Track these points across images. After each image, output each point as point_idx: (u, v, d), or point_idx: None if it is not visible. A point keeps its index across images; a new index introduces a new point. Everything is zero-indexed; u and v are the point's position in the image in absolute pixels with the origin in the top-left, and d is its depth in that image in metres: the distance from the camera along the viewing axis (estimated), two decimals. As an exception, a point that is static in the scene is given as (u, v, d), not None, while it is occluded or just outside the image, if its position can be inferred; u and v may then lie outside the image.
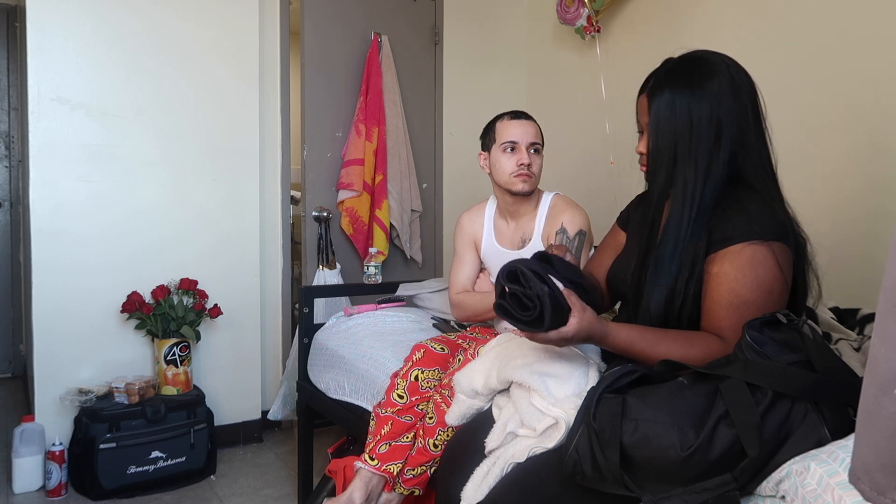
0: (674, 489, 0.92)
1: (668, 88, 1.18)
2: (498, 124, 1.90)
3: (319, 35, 3.00)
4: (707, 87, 1.16)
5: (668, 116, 1.18)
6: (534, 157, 1.86)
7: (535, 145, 1.87)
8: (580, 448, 1.00)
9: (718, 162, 1.17)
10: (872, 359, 0.46)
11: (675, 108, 1.17)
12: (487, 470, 1.24)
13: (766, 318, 1.02)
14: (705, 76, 1.17)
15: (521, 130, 1.85)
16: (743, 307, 1.12)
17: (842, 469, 0.81)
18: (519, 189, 1.84)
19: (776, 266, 1.13)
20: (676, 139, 1.18)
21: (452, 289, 1.99)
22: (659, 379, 1.07)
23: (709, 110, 1.16)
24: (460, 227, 2.02)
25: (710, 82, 1.17)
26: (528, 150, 1.85)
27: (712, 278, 1.15)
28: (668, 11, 2.75)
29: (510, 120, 1.88)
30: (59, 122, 2.44)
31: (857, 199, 2.06)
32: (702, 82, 1.17)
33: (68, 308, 2.46)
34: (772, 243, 1.13)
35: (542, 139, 1.91)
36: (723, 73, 1.18)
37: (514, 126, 1.87)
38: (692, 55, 1.22)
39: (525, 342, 1.37)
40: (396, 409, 1.64)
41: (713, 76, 1.17)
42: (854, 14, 2.07)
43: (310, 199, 3.03)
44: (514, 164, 1.83)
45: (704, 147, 1.17)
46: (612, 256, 1.47)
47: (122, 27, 2.53)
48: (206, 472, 2.53)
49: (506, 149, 1.86)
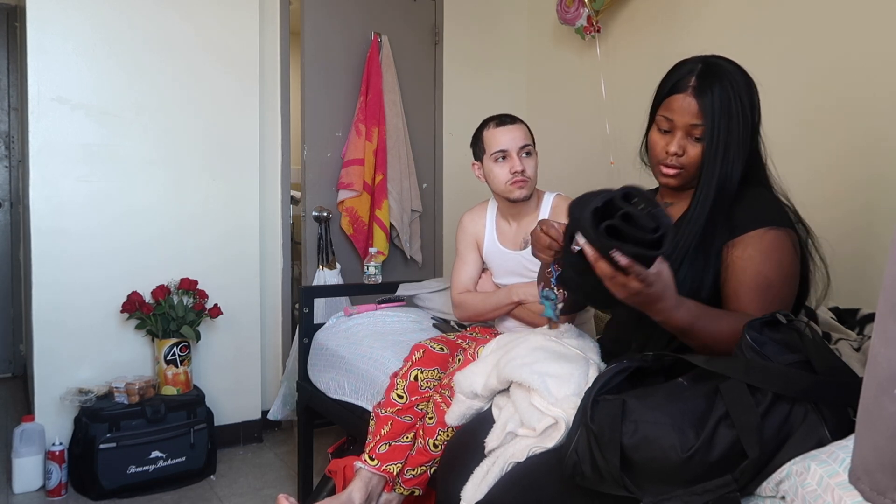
0: (674, 490, 0.92)
1: (718, 87, 1.19)
2: (485, 133, 1.85)
3: (319, 35, 3.00)
4: (745, 87, 1.21)
5: (724, 113, 1.19)
6: (526, 160, 1.81)
7: (525, 148, 1.82)
8: (579, 449, 1.00)
9: (746, 155, 1.23)
10: (872, 359, 0.46)
11: (730, 105, 1.20)
12: (487, 469, 1.24)
13: (766, 318, 1.02)
14: (739, 76, 1.22)
15: (509, 137, 1.81)
16: (770, 290, 1.14)
17: (842, 469, 0.81)
18: (516, 196, 1.81)
19: (794, 251, 1.19)
20: (730, 135, 1.20)
21: (454, 289, 1.99)
22: (653, 372, 1.08)
23: (749, 108, 1.21)
24: (462, 227, 2.00)
25: (745, 82, 1.22)
26: (520, 155, 1.80)
27: (735, 262, 1.17)
28: (668, 11, 2.75)
29: (496, 128, 1.83)
30: (59, 122, 2.43)
31: (855, 197, 2.06)
32: (741, 82, 1.21)
33: (68, 308, 2.46)
34: (788, 230, 1.19)
35: (532, 139, 1.86)
36: (744, 74, 1.23)
37: (501, 133, 1.81)
38: (713, 59, 1.25)
39: (525, 342, 1.37)
40: (396, 409, 1.64)
41: (742, 76, 1.23)
42: (852, 11, 2.07)
43: (310, 199, 3.03)
44: (508, 172, 1.79)
45: (745, 142, 1.21)
46: None
47: (122, 27, 2.53)
48: (206, 472, 2.53)
49: (497, 158, 1.81)
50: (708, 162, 1.21)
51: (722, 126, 1.19)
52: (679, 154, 1.25)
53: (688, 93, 1.21)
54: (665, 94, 1.26)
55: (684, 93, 1.21)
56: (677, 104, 1.23)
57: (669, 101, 1.24)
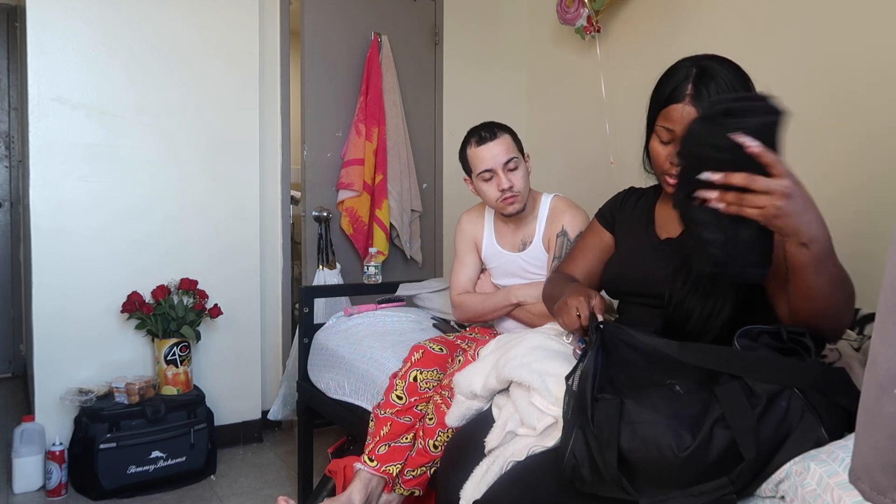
0: (671, 492, 0.92)
1: (716, 90, 1.16)
2: (468, 152, 1.81)
3: (319, 35, 3.00)
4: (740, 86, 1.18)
5: None
6: (513, 174, 1.76)
7: (509, 164, 1.75)
8: (577, 452, 1.00)
9: None
10: (872, 359, 0.46)
11: None
12: (486, 468, 1.24)
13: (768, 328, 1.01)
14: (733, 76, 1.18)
15: (491, 154, 1.75)
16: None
17: (841, 469, 0.81)
18: (509, 212, 1.79)
19: None
20: None
21: (453, 290, 1.99)
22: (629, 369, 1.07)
23: None
24: (461, 229, 1.99)
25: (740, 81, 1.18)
26: (505, 171, 1.75)
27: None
28: (667, 11, 2.75)
29: (477, 146, 1.77)
30: (59, 122, 2.43)
31: (856, 198, 2.06)
32: (737, 82, 1.18)
33: (68, 308, 2.46)
34: None
35: (516, 149, 1.80)
36: (739, 72, 1.20)
37: (483, 152, 1.76)
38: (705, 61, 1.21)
39: (524, 341, 1.37)
40: (395, 409, 1.64)
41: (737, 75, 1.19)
42: (852, 11, 2.07)
43: (310, 199, 3.03)
44: (496, 189, 1.76)
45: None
46: (598, 258, 1.45)
47: (122, 27, 2.53)
48: (206, 472, 2.53)
49: (484, 178, 1.78)
50: None
51: None
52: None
53: (685, 101, 1.18)
54: (662, 103, 1.22)
55: (682, 102, 1.18)
56: (676, 114, 1.19)
57: (668, 112, 1.21)
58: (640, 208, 1.43)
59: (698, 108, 1.16)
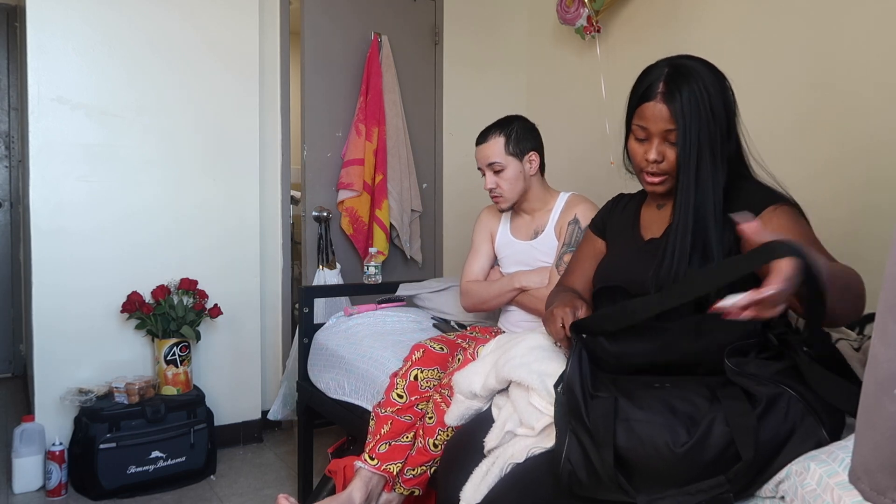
0: (668, 491, 0.92)
1: (687, 89, 1.18)
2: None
3: (319, 35, 3.00)
4: (715, 84, 1.20)
5: (695, 115, 1.18)
6: (497, 177, 1.88)
7: (493, 166, 1.87)
8: (572, 457, 0.99)
9: (729, 152, 1.22)
10: (872, 359, 0.46)
11: (699, 106, 1.18)
12: (486, 470, 1.24)
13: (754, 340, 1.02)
14: (707, 74, 1.20)
15: (481, 156, 1.91)
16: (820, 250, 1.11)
17: (841, 469, 0.82)
18: (499, 209, 1.94)
19: (807, 220, 1.20)
20: (702, 135, 1.19)
21: (464, 277, 2.03)
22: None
23: (721, 105, 1.20)
24: (480, 220, 2.07)
25: (714, 79, 1.20)
26: (490, 172, 1.88)
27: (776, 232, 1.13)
28: (668, 11, 2.75)
29: (475, 146, 1.94)
30: (59, 122, 2.43)
31: (854, 197, 2.06)
32: (710, 80, 1.20)
33: (68, 308, 2.46)
34: (791, 205, 1.20)
35: (501, 153, 1.87)
36: (713, 70, 1.22)
37: (476, 152, 1.93)
38: (679, 60, 1.23)
39: (523, 342, 1.37)
40: (396, 408, 1.64)
41: (711, 73, 1.21)
42: (852, 11, 2.07)
43: (310, 199, 3.03)
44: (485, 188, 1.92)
45: (723, 139, 1.20)
46: (594, 267, 1.46)
47: (122, 27, 2.53)
48: (206, 472, 2.53)
49: (482, 174, 1.93)
50: (683, 164, 1.20)
51: (693, 128, 1.18)
52: (659, 161, 1.24)
53: (657, 99, 1.20)
54: (637, 101, 1.25)
55: (654, 100, 1.21)
56: (649, 111, 1.22)
57: (641, 110, 1.24)
58: (627, 212, 1.46)
59: (669, 107, 1.19)
